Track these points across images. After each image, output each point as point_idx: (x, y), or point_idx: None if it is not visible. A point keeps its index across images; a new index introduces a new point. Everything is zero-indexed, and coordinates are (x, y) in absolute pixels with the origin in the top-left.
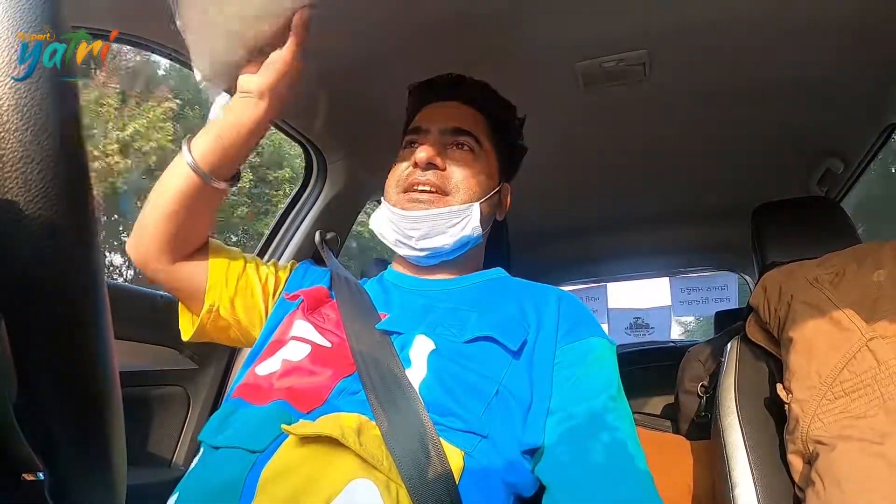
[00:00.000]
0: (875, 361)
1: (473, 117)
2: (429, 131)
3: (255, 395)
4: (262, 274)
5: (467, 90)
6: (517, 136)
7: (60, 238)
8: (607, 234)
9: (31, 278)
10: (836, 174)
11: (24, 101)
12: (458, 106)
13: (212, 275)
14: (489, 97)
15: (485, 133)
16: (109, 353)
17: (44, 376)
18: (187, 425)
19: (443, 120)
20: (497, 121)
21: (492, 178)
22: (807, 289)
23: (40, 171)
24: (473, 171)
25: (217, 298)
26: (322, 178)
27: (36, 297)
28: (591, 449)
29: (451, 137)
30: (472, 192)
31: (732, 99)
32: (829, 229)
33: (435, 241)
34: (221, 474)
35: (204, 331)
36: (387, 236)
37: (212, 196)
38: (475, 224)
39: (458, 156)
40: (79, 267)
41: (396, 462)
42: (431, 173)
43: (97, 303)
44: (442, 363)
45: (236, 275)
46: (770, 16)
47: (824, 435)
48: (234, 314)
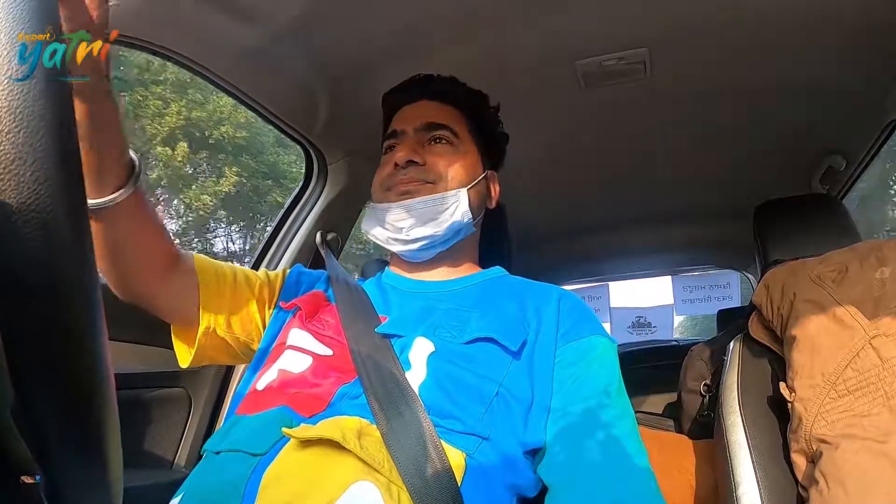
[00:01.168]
0: (878, 359)
1: (447, 111)
2: (405, 132)
3: (256, 407)
4: (253, 285)
5: (436, 87)
6: (495, 124)
7: (54, 239)
8: (609, 232)
9: (25, 280)
10: (838, 171)
11: (16, 103)
12: (430, 104)
13: (203, 295)
14: (459, 90)
15: (461, 124)
16: (104, 356)
17: (37, 379)
18: (188, 427)
19: (416, 118)
20: (472, 111)
21: (475, 166)
22: (810, 286)
23: (33, 172)
24: (455, 160)
25: (212, 319)
26: (322, 179)
27: (29, 299)
28: (592, 448)
29: (428, 133)
30: (457, 179)
31: (734, 97)
32: (831, 227)
33: (426, 230)
34: (223, 477)
35: (203, 355)
36: (378, 235)
37: (115, 216)
38: (464, 209)
39: (437, 150)
40: (73, 268)
41: (397, 465)
42: (413, 170)
43: (91, 304)
44: (441, 365)
45: (229, 291)
46: (772, 13)
47: (828, 433)
48: (231, 332)
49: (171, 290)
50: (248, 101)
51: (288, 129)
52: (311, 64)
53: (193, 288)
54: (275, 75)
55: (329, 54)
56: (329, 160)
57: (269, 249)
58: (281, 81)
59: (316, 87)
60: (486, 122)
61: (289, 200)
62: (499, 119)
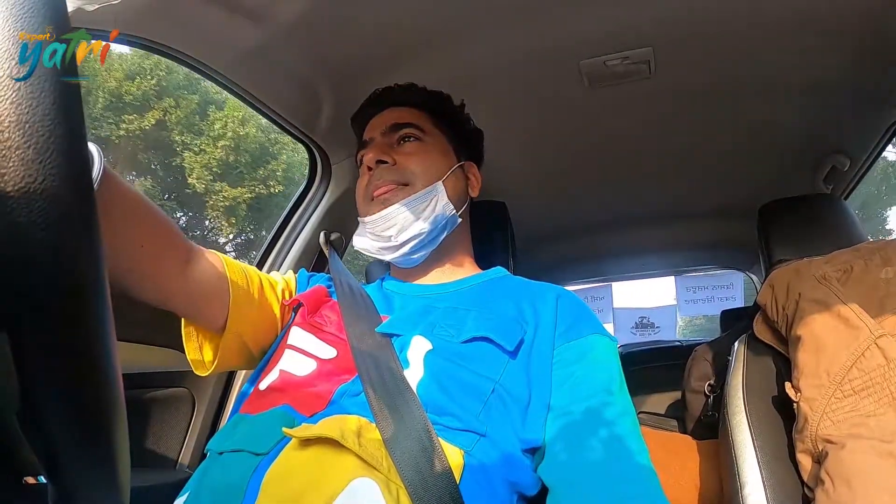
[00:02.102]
0: (884, 359)
1: (410, 112)
2: (373, 139)
3: (259, 407)
4: (276, 288)
5: (396, 95)
6: (464, 120)
7: (62, 237)
8: (612, 232)
9: (32, 279)
10: (841, 171)
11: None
12: (393, 110)
13: (234, 297)
14: (419, 93)
15: (426, 121)
16: (113, 357)
17: (45, 382)
18: (192, 427)
19: (382, 124)
20: (435, 109)
21: (447, 156)
22: (815, 286)
23: (41, 162)
24: (426, 154)
25: (240, 325)
26: (326, 179)
27: (36, 298)
28: (593, 447)
29: (394, 134)
30: (429, 173)
31: (738, 96)
32: (835, 226)
33: (413, 230)
34: (226, 477)
35: (224, 362)
36: (370, 248)
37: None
38: (444, 201)
39: (406, 148)
40: (81, 267)
41: (396, 463)
42: (385, 170)
43: (99, 305)
44: (439, 363)
45: (257, 294)
46: (777, 13)
47: (833, 433)
48: (256, 339)
49: (193, 288)
50: (252, 100)
51: (291, 129)
52: (315, 63)
53: (223, 291)
54: (278, 74)
55: (333, 53)
56: (333, 159)
57: (273, 249)
58: (284, 80)
59: (320, 86)
60: (452, 118)
61: (293, 200)
62: (467, 115)
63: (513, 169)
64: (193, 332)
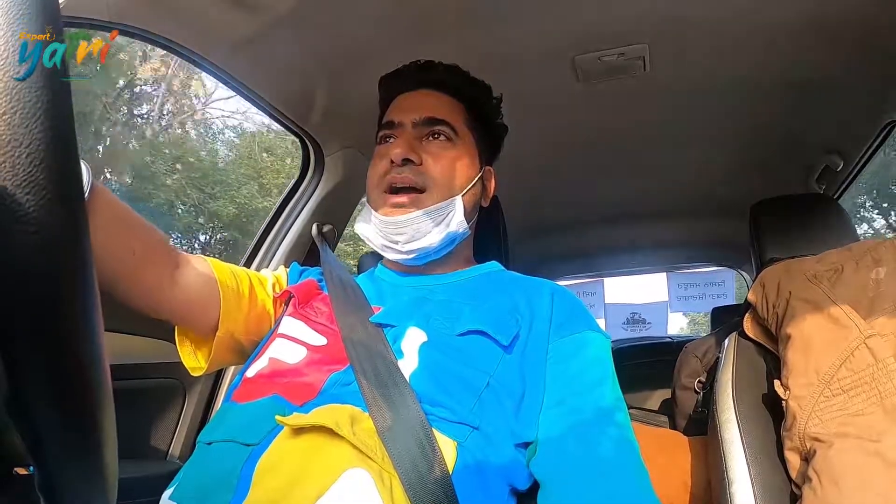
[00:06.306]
0: (873, 359)
1: (447, 104)
2: (402, 124)
3: (248, 395)
4: (265, 284)
5: (438, 75)
6: (496, 116)
7: (49, 227)
8: (605, 228)
9: (18, 267)
10: (834, 171)
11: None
12: (430, 94)
13: (224, 299)
14: (461, 80)
15: (461, 118)
16: (99, 346)
17: (31, 369)
18: (183, 418)
19: (415, 110)
20: (473, 103)
21: (472, 166)
22: (805, 285)
23: (28, 155)
24: (452, 161)
25: (232, 324)
26: (319, 171)
27: (23, 287)
28: (584, 443)
29: (426, 128)
30: (451, 185)
31: (732, 94)
32: (827, 226)
33: (421, 242)
34: (217, 467)
35: (218, 359)
36: (373, 241)
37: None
38: (459, 219)
39: (434, 147)
40: (67, 257)
41: (389, 452)
42: (408, 169)
43: (86, 294)
44: (433, 355)
45: (247, 292)
46: (771, 13)
47: (822, 432)
48: (248, 335)
49: (185, 294)
50: (245, 90)
51: (285, 120)
52: (309, 54)
53: (213, 293)
54: (271, 65)
55: (326, 44)
56: (326, 151)
57: (265, 241)
58: (279, 71)
59: (313, 77)
60: (488, 115)
61: (285, 192)
62: (500, 111)
63: (505, 163)
64: (186, 339)
